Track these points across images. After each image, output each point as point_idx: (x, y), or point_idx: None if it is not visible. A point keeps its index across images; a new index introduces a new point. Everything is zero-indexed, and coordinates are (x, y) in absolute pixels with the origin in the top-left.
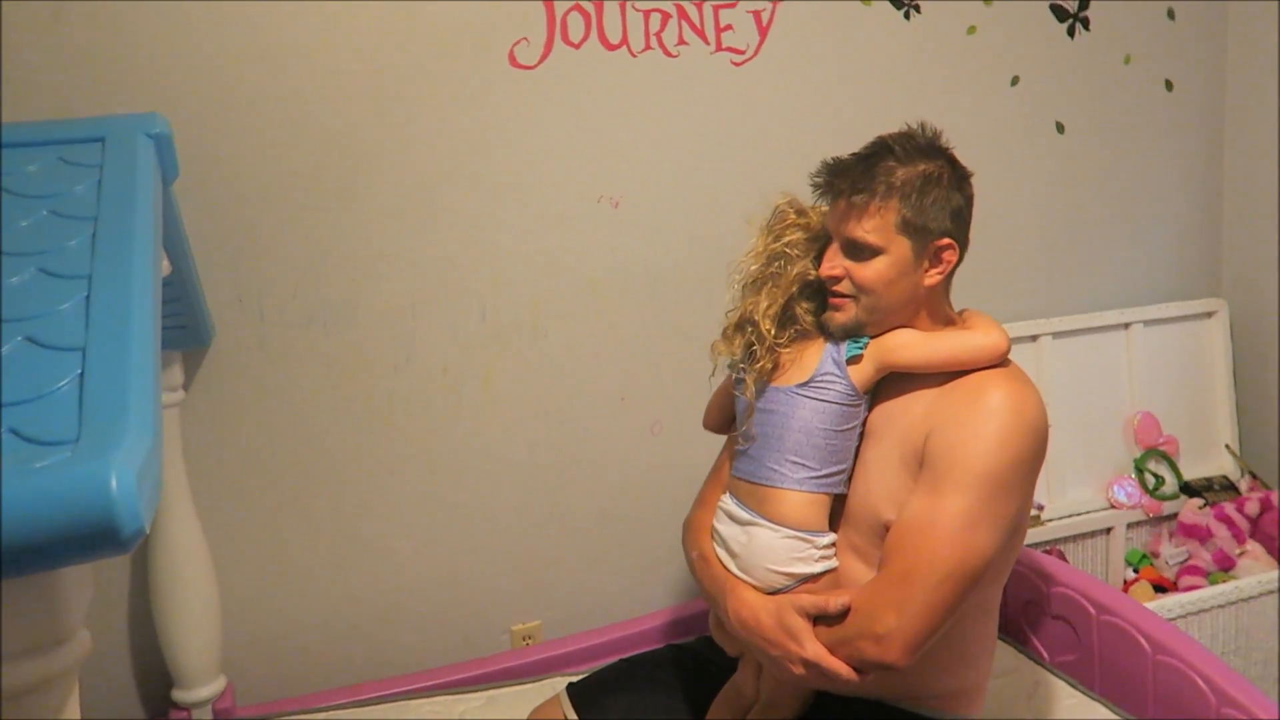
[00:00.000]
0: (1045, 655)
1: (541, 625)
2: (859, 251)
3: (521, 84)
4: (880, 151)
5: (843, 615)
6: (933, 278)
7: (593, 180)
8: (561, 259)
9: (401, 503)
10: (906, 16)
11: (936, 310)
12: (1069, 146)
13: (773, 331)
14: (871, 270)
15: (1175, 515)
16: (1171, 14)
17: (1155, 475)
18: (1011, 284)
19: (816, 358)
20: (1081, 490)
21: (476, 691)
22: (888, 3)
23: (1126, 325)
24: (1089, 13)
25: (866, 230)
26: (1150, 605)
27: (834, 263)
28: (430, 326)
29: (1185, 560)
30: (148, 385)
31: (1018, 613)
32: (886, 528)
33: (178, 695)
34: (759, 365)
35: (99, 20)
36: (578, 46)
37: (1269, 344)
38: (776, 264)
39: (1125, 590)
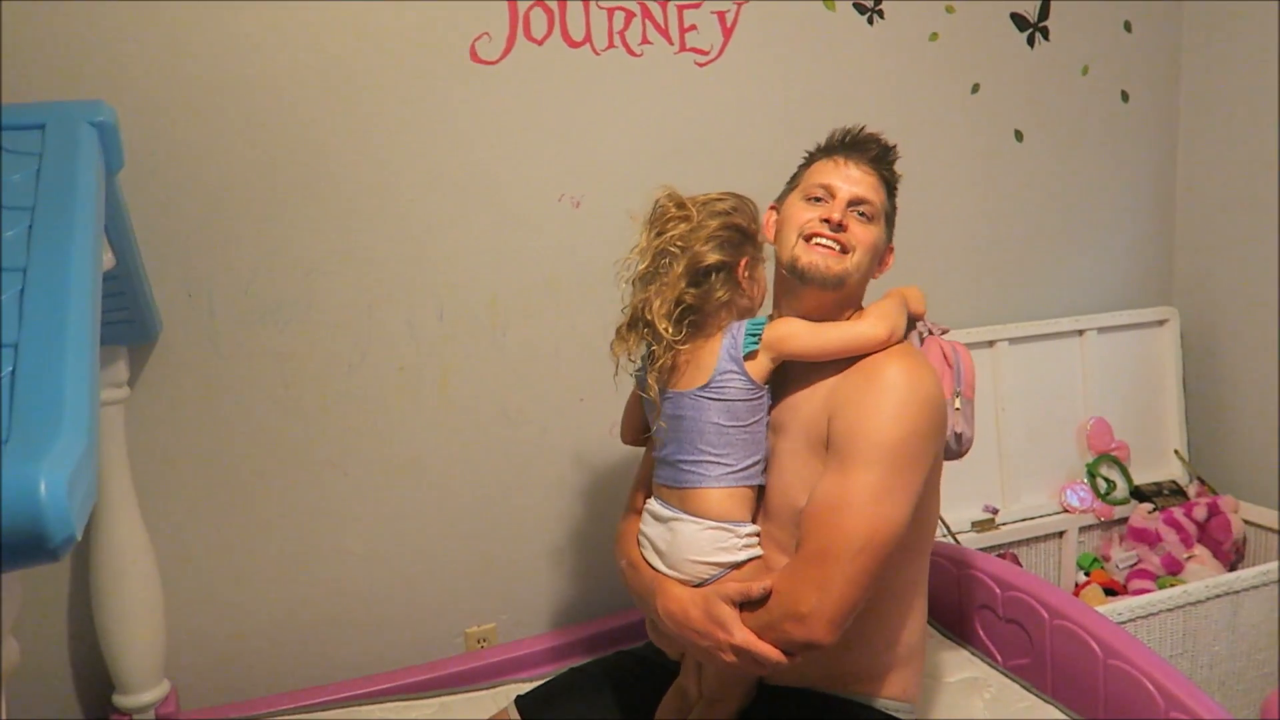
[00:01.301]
0: (999, 659)
1: (496, 628)
2: (859, 214)
3: (482, 79)
4: (886, 144)
5: (767, 599)
6: (875, 273)
7: (554, 179)
8: (521, 258)
9: (354, 503)
10: (870, 21)
11: (858, 300)
12: (1027, 154)
13: (669, 330)
14: (865, 231)
15: (1126, 520)
16: (1128, 26)
17: (1107, 480)
18: (968, 289)
19: (714, 357)
20: (1035, 494)
21: (429, 698)
22: (852, 7)
23: (1080, 332)
24: (1049, 23)
25: (877, 200)
26: (1101, 609)
27: (843, 211)
28: (387, 325)
29: (1135, 564)
30: (84, 384)
31: (972, 616)
32: None
33: (119, 700)
34: (660, 364)
35: (48, 7)
36: (540, 43)
37: (1218, 353)
38: (663, 260)
39: (1076, 593)
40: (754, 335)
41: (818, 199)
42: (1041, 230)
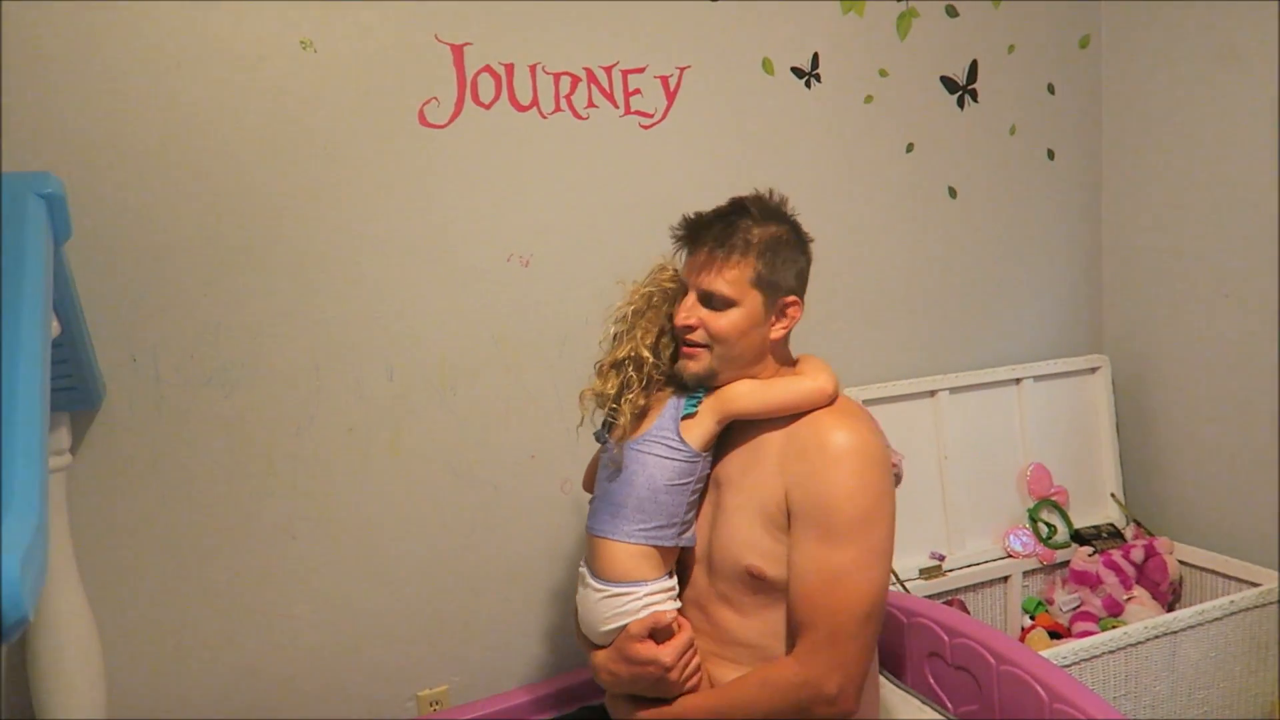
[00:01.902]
0: (949, 706)
1: (449, 690)
2: (715, 303)
3: (431, 143)
4: (739, 211)
5: (669, 628)
6: (778, 331)
7: (503, 239)
8: (471, 317)
9: (302, 567)
10: (808, 85)
11: (779, 359)
12: (960, 210)
13: (650, 358)
14: (726, 321)
15: (1067, 563)
16: (1051, 88)
17: (1048, 524)
18: (909, 341)
19: (657, 414)
20: (980, 540)
21: None
22: (789, 72)
23: (1018, 380)
24: (977, 85)
25: (725, 282)
26: (1046, 652)
27: (690, 312)
28: (335, 386)
29: (1078, 607)
30: (34, 460)
31: (921, 663)
32: (749, 573)
33: None
34: (621, 421)
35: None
36: (488, 107)
37: (1149, 398)
38: (654, 299)
39: (1023, 637)
40: (696, 398)
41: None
42: (977, 283)
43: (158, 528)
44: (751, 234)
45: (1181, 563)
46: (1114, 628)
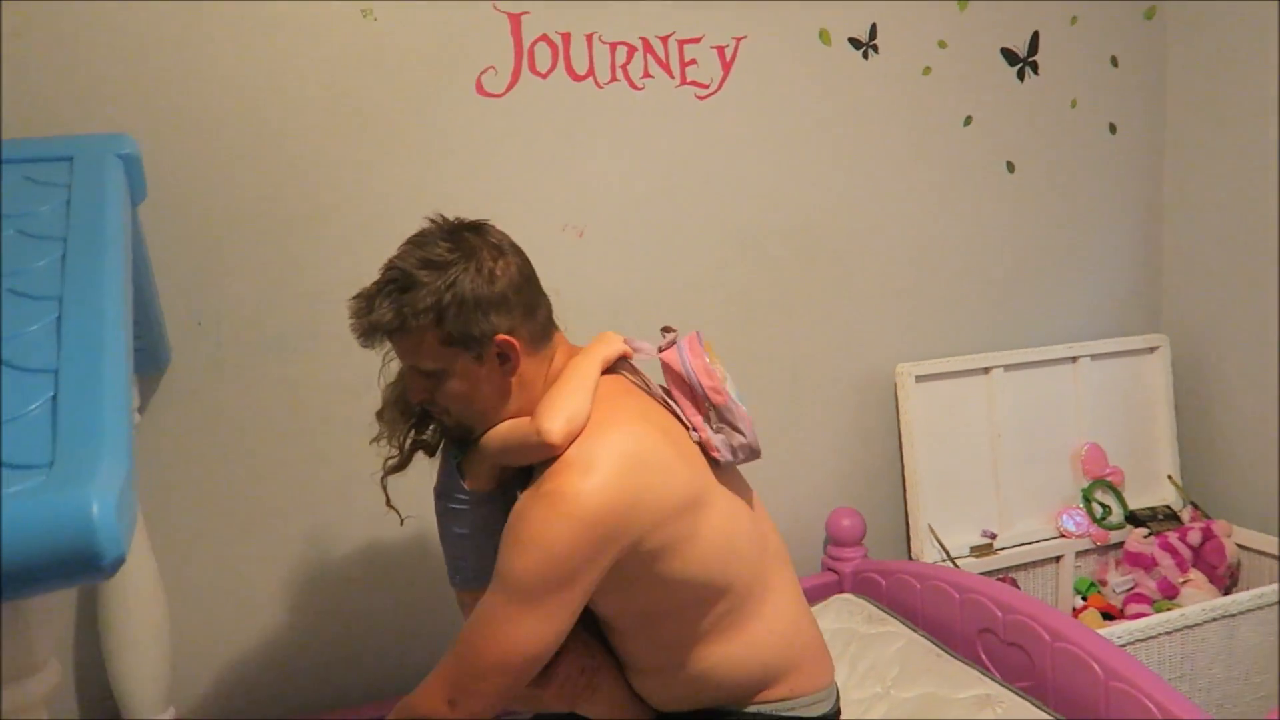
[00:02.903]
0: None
1: None
2: (429, 375)
3: (488, 112)
4: (394, 280)
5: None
6: (510, 373)
7: (557, 209)
8: None
9: (357, 530)
10: (865, 56)
11: (548, 383)
12: (1019, 185)
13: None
14: (446, 390)
15: (1121, 544)
16: (1115, 61)
17: (1102, 505)
18: (964, 317)
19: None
20: (1032, 520)
21: None
22: (847, 42)
23: (1074, 359)
24: (1038, 58)
25: (420, 360)
26: (1100, 632)
27: (416, 389)
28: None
29: (1131, 588)
30: (122, 408)
31: (973, 639)
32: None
33: None
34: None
35: (63, 39)
36: (544, 76)
37: (1208, 379)
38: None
39: (1074, 618)
40: (462, 446)
41: None
42: (1034, 259)
43: (219, 488)
44: (413, 299)
45: (1239, 546)
46: (1168, 610)
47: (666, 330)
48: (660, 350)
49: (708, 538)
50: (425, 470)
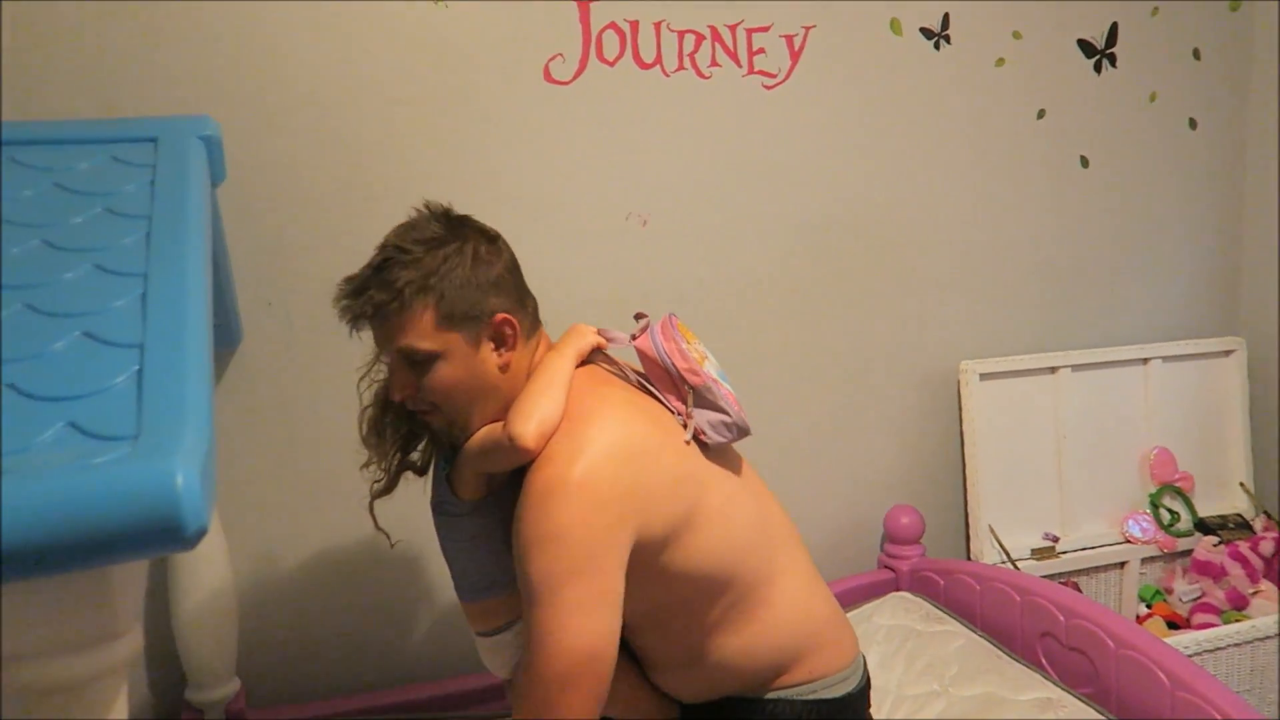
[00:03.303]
0: None
1: None
2: (418, 362)
3: (555, 99)
4: (390, 256)
5: None
6: (504, 355)
7: (622, 197)
8: (588, 275)
9: (424, 510)
10: (936, 47)
11: (519, 384)
12: (1092, 180)
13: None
14: (436, 375)
15: (1189, 552)
16: (1197, 54)
17: (1170, 511)
18: (1031, 315)
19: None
20: (1096, 524)
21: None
22: (918, 33)
23: (1145, 361)
24: (1116, 50)
25: (414, 339)
26: (1166, 641)
27: (401, 383)
28: None
29: (1199, 598)
30: (204, 383)
31: (1033, 643)
32: None
33: (191, 695)
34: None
35: (142, 22)
36: (612, 64)
37: None
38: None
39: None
40: (450, 452)
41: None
42: (1107, 257)
43: (285, 464)
44: (411, 274)
45: None
46: (1237, 621)
47: (639, 317)
48: (633, 338)
49: (710, 525)
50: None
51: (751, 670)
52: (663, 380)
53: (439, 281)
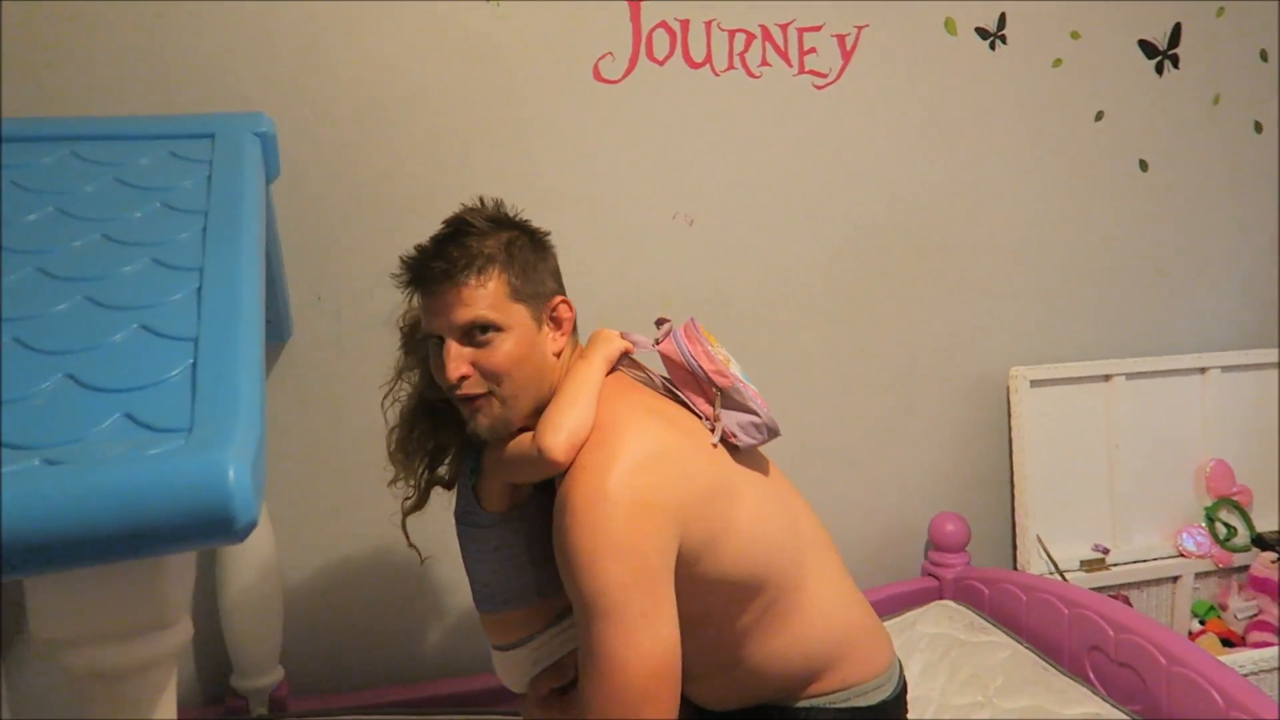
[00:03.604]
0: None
1: None
2: (481, 335)
3: (604, 98)
4: (463, 228)
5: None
6: (558, 341)
7: (669, 197)
8: (632, 273)
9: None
10: (992, 47)
11: (559, 372)
12: (1152, 184)
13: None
14: (501, 351)
15: (1246, 568)
16: (1264, 55)
17: (1227, 525)
18: (1085, 321)
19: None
20: (1148, 536)
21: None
22: (973, 32)
23: (1203, 370)
24: (1179, 50)
25: (484, 308)
26: (1220, 659)
27: (456, 362)
28: None
29: (1255, 615)
30: (256, 378)
31: (1080, 656)
32: None
33: (236, 683)
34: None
35: (202, 20)
36: (662, 63)
37: None
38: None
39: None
40: (475, 463)
41: (438, 342)
42: (1165, 263)
43: (332, 458)
44: (486, 245)
45: None
46: None
47: (661, 322)
48: (657, 344)
49: (741, 531)
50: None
51: (783, 677)
52: (688, 384)
53: (511, 257)
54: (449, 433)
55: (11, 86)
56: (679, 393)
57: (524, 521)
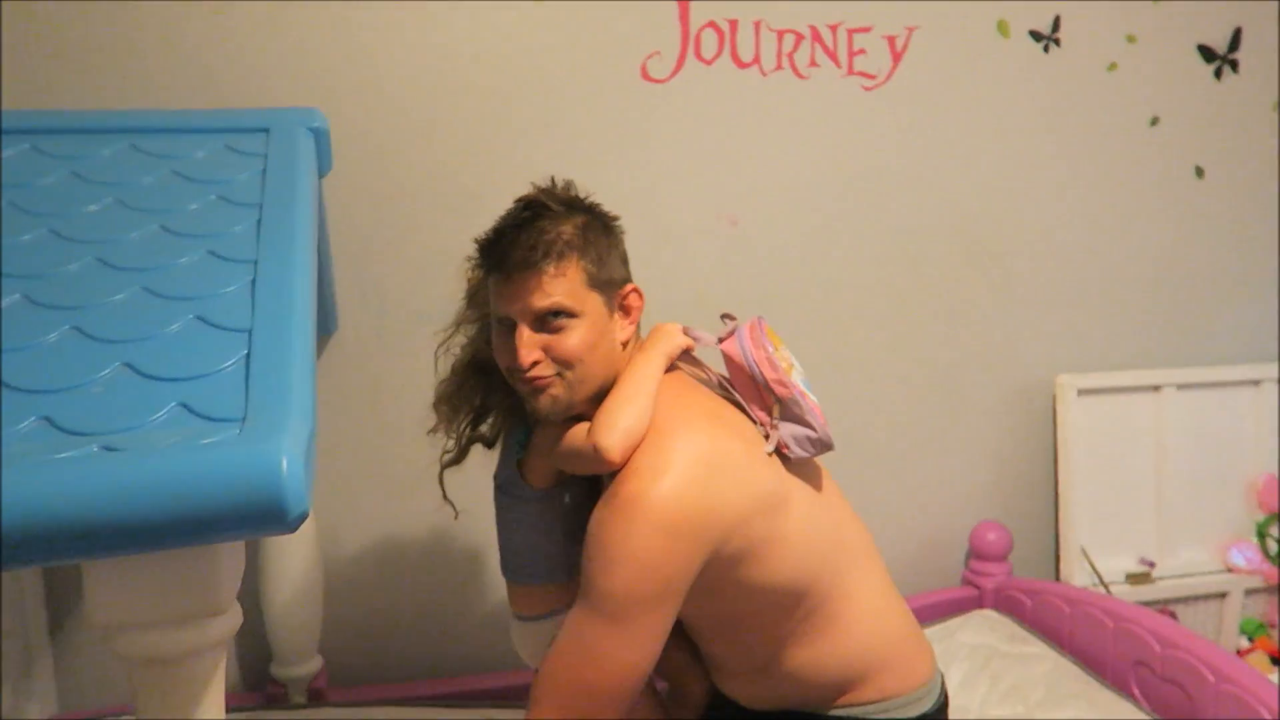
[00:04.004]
0: None
1: None
2: (556, 321)
3: (651, 97)
4: (540, 212)
5: None
6: (627, 330)
7: (713, 196)
8: (676, 273)
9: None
10: (1045, 50)
11: (621, 363)
12: (1207, 192)
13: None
14: (575, 338)
15: None
16: None
17: (1279, 541)
18: (1135, 330)
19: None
20: (1196, 550)
21: None
22: (1027, 35)
23: (1256, 382)
24: (1239, 55)
25: (561, 295)
26: (1271, 678)
27: (529, 347)
28: None
29: None
30: (308, 370)
31: (1125, 671)
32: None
33: (276, 671)
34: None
35: (257, 18)
36: (710, 63)
37: None
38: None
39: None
40: (522, 442)
41: (508, 325)
42: (1219, 272)
43: (374, 454)
44: (564, 231)
45: None
46: None
47: (727, 318)
48: (720, 341)
49: (787, 540)
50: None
51: (819, 684)
52: (747, 387)
53: (587, 243)
54: (499, 395)
55: (72, 80)
56: (736, 395)
57: (566, 501)
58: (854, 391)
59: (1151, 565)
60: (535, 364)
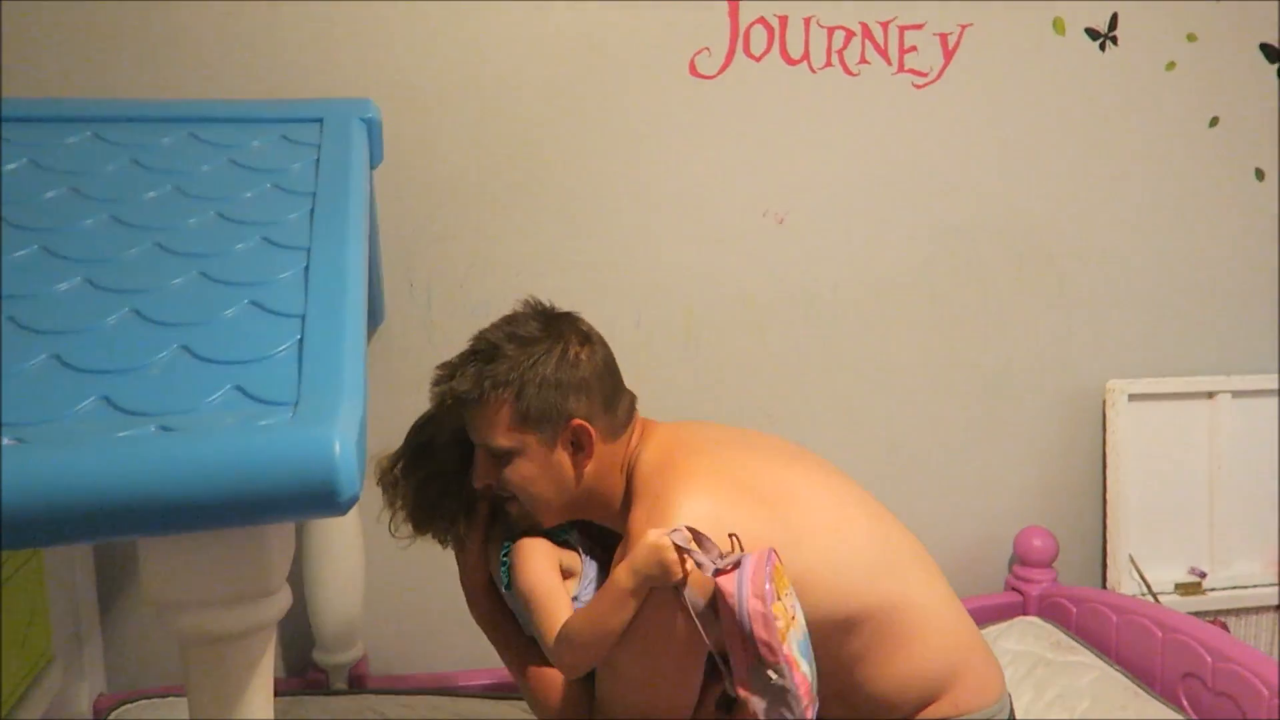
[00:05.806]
0: None
1: None
2: (497, 456)
3: (699, 93)
4: (482, 350)
5: None
6: (585, 462)
7: (760, 194)
8: (720, 271)
9: None
10: (1102, 48)
11: (624, 476)
12: (1267, 195)
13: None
14: (515, 473)
15: None
16: None
17: None
18: (1189, 335)
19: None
20: (1249, 562)
21: None
22: (1083, 33)
23: None
24: None
25: (493, 436)
26: None
27: (481, 472)
28: None
29: None
30: (359, 356)
31: (1174, 683)
32: None
33: (318, 657)
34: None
35: (313, 11)
36: (759, 59)
37: None
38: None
39: None
40: (506, 557)
41: None
42: (1277, 277)
43: None
44: (496, 372)
45: None
46: None
47: (733, 538)
48: (717, 573)
49: (815, 574)
50: None
51: (892, 701)
52: (733, 631)
53: (519, 380)
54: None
55: (133, 70)
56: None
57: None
58: (900, 392)
59: (1202, 575)
60: (488, 485)
